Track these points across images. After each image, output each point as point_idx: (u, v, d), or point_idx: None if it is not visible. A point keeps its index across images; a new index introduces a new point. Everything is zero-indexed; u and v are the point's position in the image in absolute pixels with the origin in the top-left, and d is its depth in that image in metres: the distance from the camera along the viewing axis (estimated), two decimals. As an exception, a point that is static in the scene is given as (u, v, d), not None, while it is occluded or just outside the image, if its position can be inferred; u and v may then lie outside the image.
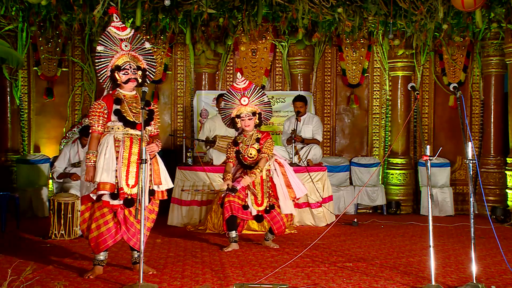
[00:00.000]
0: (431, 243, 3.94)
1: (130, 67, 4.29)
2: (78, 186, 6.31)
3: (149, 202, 4.25)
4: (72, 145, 6.73)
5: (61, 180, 6.58)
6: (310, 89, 9.00)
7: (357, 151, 9.24)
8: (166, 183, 4.38)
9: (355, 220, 7.26)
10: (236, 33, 8.61)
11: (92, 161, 4.17)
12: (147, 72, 4.42)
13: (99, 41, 4.30)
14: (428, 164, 4.04)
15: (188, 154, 7.23)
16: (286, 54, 8.98)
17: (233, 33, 8.50)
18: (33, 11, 7.72)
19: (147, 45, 4.43)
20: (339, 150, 9.25)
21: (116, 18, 4.35)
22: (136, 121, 4.26)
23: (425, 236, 5.80)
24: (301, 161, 7.25)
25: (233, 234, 5.44)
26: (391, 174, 8.86)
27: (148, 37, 8.54)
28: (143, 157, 3.94)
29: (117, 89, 4.36)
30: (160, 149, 4.36)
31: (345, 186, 8.55)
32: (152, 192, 4.25)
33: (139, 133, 4.25)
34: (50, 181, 8.01)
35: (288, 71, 9.01)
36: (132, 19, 7.83)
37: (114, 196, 4.15)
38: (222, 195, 5.49)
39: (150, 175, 4.23)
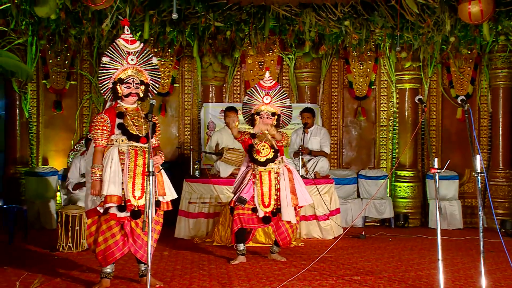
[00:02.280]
0: (440, 257, 3.92)
1: (133, 81, 4.32)
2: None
3: (155, 213, 4.26)
4: (82, 157, 6.79)
5: (76, 191, 6.61)
6: (317, 101, 9.02)
7: (365, 164, 9.23)
8: (170, 193, 4.41)
9: (363, 233, 7.23)
10: (243, 46, 8.66)
11: (97, 175, 4.17)
12: (150, 87, 4.45)
13: (106, 52, 4.32)
14: (436, 177, 4.03)
15: (195, 166, 7.25)
16: (293, 66, 9.02)
17: (240, 46, 8.56)
18: (43, 25, 7.82)
19: (154, 60, 4.45)
20: (346, 162, 9.24)
21: (127, 31, 4.40)
22: (140, 135, 4.30)
23: (434, 250, 5.75)
24: (308, 174, 7.25)
25: (241, 246, 5.45)
26: (399, 187, 8.83)
27: (155, 50, 8.61)
28: (151, 170, 3.96)
29: (118, 102, 4.39)
30: (163, 161, 4.39)
31: (353, 199, 8.52)
32: (157, 203, 4.28)
33: (143, 145, 4.29)
34: (58, 193, 8.05)
35: (295, 84, 9.04)
36: (140, 32, 7.92)
37: (121, 208, 4.15)
38: (234, 199, 5.49)
39: (155, 186, 4.25)
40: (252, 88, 5.62)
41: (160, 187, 4.30)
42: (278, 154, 5.44)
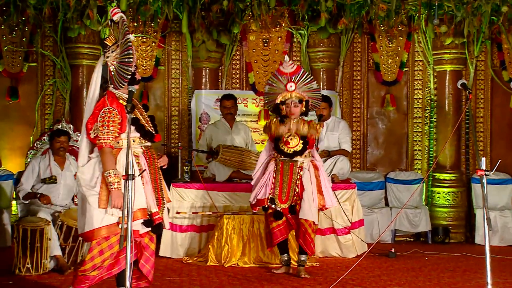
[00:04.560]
0: (489, 280, 3.91)
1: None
2: (48, 208, 6.30)
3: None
4: (42, 157, 6.72)
5: (27, 202, 6.54)
6: (335, 87, 9.01)
7: (394, 165, 9.23)
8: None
9: (392, 250, 7.23)
10: (244, 20, 8.65)
11: (119, 184, 4.16)
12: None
13: (126, 29, 4.33)
14: (484, 181, 4.02)
15: (185, 168, 7.24)
16: (305, 44, 9.00)
17: (241, 20, 8.54)
18: (-6, -8, 7.82)
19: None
20: (371, 163, 9.24)
21: (117, 8, 4.47)
22: (153, 131, 4.42)
23: (482, 271, 5.74)
24: (325, 177, 7.25)
25: (285, 257, 6.06)
26: (438, 193, 8.82)
27: (135, 24, 8.59)
28: (130, 172, 3.93)
29: (113, 90, 4.39)
30: None
31: (380, 208, 8.54)
32: (168, 211, 4.43)
33: (150, 144, 4.47)
34: (14, 202, 8.03)
35: (308, 66, 9.02)
36: (115, 2, 7.89)
37: (148, 223, 4.23)
38: (258, 197, 5.88)
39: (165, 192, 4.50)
40: (272, 76, 6.12)
41: (165, 193, 4.50)
42: (307, 147, 5.84)
